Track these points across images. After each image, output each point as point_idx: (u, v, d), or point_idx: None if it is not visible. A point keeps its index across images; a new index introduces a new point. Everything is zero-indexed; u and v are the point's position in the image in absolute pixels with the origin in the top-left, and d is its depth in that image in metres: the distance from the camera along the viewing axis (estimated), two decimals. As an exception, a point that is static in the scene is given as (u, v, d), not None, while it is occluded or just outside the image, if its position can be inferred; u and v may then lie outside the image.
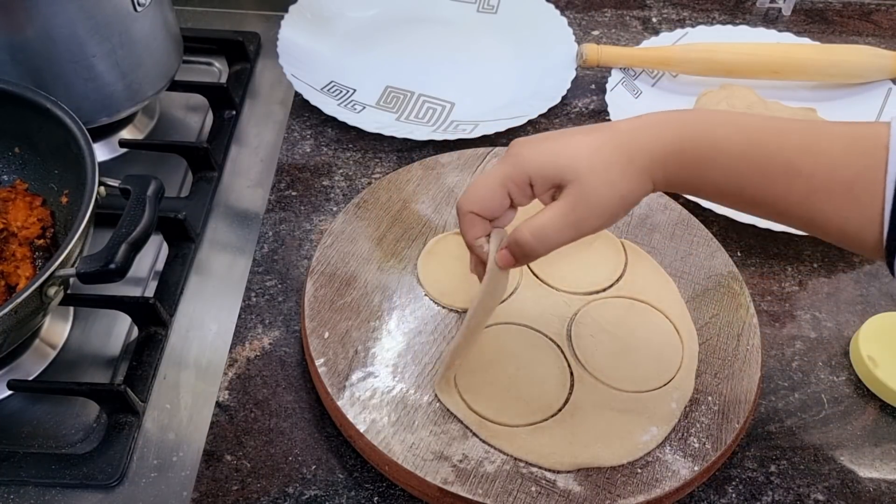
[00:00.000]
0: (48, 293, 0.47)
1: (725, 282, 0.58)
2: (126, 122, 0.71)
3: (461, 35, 0.82)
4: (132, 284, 0.60)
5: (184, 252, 0.62)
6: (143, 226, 0.50)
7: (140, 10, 0.61)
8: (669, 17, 0.86)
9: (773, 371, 0.56)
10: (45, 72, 0.60)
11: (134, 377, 0.53)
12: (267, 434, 0.51)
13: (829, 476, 0.51)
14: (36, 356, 0.55)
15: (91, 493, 0.49)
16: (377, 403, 0.49)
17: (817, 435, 0.53)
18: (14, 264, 0.55)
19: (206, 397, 0.54)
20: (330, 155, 0.70)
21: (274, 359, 0.55)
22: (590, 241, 0.59)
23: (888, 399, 0.54)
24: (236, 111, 0.74)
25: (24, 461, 0.50)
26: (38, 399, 0.53)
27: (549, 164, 0.42)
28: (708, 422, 0.50)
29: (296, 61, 0.74)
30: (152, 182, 0.53)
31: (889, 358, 0.54)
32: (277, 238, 0.63)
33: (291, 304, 0.58)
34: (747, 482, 0.50)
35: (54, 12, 0.57)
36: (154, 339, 0.56)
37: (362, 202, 0.62)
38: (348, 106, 0.72)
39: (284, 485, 0.49)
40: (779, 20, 0.86)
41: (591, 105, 0.75)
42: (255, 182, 0.69)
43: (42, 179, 0.59)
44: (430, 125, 0.72)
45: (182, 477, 0.50)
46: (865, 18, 0.87)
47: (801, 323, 0.59)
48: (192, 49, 0.76)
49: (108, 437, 0.51)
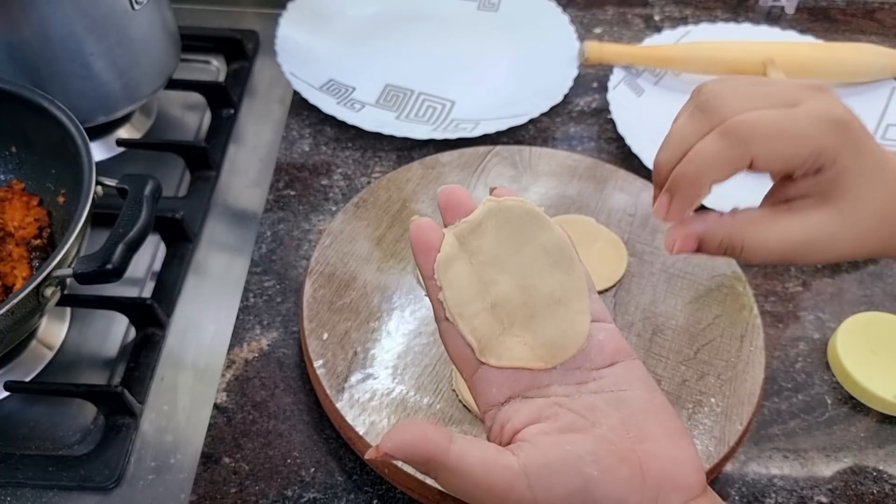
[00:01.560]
0: (45, 294, 0.46)
1: (729, 282, 0.57)
2: (123, 121, 0.70)
3: (462, 33, 0.82)
4: (129, 285, 0.60)
5: (181, 252, 0.61)
6: (140, 226, 0.50)
7: (137, 8, 0.61)
8: (672, 15, 0.85)
9: (777, 372, 0.55)
10: (41, 70, 0.60)
11: (131, 379, 0.53)
12: (265, 436, 0.51)
13: (832, 478, 0.50)
14: (33, 357, 0.55)
15: (88, 496, 0.49)
16: (377, 405, 0.49)
17: (821, 437, 0.52)
18: (10, 265, 0.54)
19: (203, 399, 0.53)
20: (329, 154, 0.69)
21: (272, 360, 0.55)
22: (591, 242, 0.58)
23: (866, 401, 0.53)
24: (234, 110, 0.73)
25: (20, 463, 0.49)
26: (35, 400, 0.53)
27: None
28: (711, 423, 0.49)
29: (294, 59, 0.74)
30: (150, 181, 0.52)
31: (865, 360, 0.54)
32: (276, 238, 0.63)
33: (290, 304, 0.58)
34: (750, 484, 0.50)
35: (51, 10, 0.57)
36: (151, 340, 0.56)
37: (361, 202, 0.61)
38: (347, 104, 0.72)
39: (283, 487, 0.48)
40: (782, 18, 0.86)
41: (594, 104, 0.75)
42: (254, 181, 0.68)
43: (39, 179, 0.59)
44: (430, 124, 0.71)
45: (180, 479, 0.50)
46: (869, 17, 0.87)
47: (804, 324, 0.58)
48: (190, 47, 0.75)
49: (105, 439, 0.50)
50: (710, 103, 0.29)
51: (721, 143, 0.28)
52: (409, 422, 0.27)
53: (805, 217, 0.30)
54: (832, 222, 0.29)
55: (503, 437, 0.29)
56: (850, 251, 0.30)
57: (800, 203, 0.30)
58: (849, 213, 0.29)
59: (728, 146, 0.28)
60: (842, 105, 0.29)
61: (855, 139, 0.29)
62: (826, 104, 0.29)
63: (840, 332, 0.56)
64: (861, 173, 0.29)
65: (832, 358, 0.56)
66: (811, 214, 0.30)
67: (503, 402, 0.29)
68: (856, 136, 0.29)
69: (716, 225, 0.31)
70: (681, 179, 0.29)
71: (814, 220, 0.30)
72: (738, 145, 0.27)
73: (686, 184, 0.29)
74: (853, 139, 0.29)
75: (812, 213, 0.30)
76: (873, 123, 0.71)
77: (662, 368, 0.52)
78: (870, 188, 0.29)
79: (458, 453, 0.26)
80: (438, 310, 0.30)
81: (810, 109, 0.29)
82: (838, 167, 0.29)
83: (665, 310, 0.55)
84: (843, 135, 0.28)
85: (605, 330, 0.31)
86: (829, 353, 0.56)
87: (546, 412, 0.29)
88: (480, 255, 0.30)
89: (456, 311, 0.29)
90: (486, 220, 0.30)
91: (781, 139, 0.28)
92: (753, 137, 0.27)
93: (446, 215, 0.31)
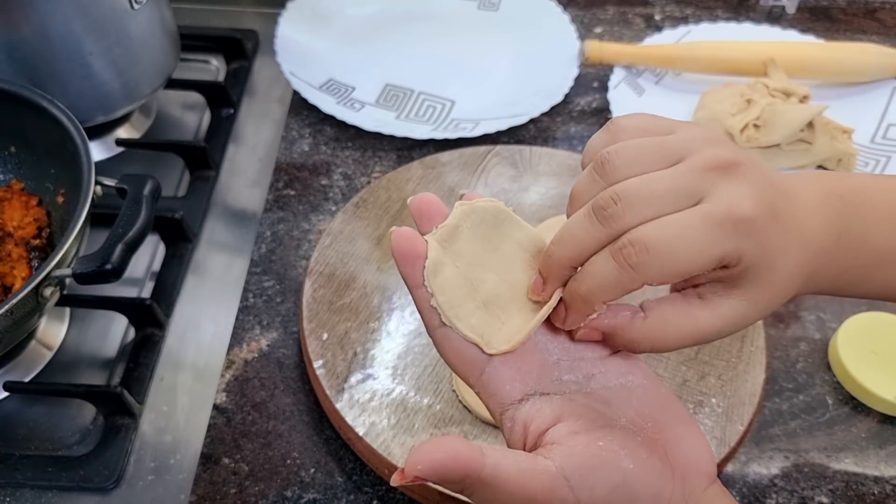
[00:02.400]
0: (44, 294, 0.46)
1: (729, 282, 0.57)
2: (123, 121, 0.70)
3: (462, 32, 0.81)
4: (129, 285, 0.60)
5: (181, 252, 0.61)
6: (139, 226, 0.50)
7: (137, 8, 0.61)
8: (673, 15, 0.85)
9: (778, 373, 0.55)
10: (41, 70, 0.60)
11: (130, 379, 0.53)
12: (265, 437, 0.51)
13: (833, 478, 0.50)
14: (32, 357, 0.55)
15: (88, 496, 0.49)
16: (376, 406, 0.49)
17: (822, 437, 0.52)
18: (10, 265, 0.54)
19: (203, 399, 0.53)
20: (329, 154, 0.69)
21: (272, 360, 0.54)
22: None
23: (867, 401, 0.53)
24: (234, 109, 0.73)
25: (20, 463, 0.49)
26: (34, 401, 0.53)
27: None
28: (712, 424, 0.49)
29: (294, 59, 0.74)
30: (149, 181, 0.52)
31: (866, 360, 0.54)
32: (275, 238, 0.62)
33: (290, 304, 0.58)
34: (751, 485, 0.50)
35: (51, 10, 0.57)
36: (151, 340, 0.56)
37: (361, 201, 0.61)
38: (347, 104, 0.72)
39: (283, 488, 0.48)
40: (783, 18, 0.85)
41: (594, 103, 0.75)
42: (253, 181, 0.68)
43: (38, 179, 0.59)
44: (430, 123, 0.71)
45: (179, 480, 0.49)
46: (870, 16, 0.86)
47: (805, 324, 0.58)
48: (189, 47, 0.75)
49: (104, 440, 0.50)
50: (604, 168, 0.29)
51: (612, 268, 0.27)
52: (435, 440, 0.25)
53: (716, 307, 0.29)
54: (742, 309, 0.29)
55: (528, 440, 0.28)
56: (753, 322, 0.31)
57: (709, 291, 0.30)
58: (759, 299, 0.29)
59: (620, 271, 0.27)
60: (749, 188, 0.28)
61: (759, 235, 0.28)
62: (730, 197, 0.27)
63: (841, 332, 0.55)
64: (769, 263, 0.28)
65: (833, 358, 0.55)
66: (721, 304, 0.29)
67: (520, 399, 0.29)
68: (760, 231, 0.28)
69: (623, 326, 0.30)
70: (574, 297, 0.29)
71: (724, 310, 0.29)
72: (630, 270, 0.27)
73: (580, 302, 0.29)
74: (757, 237, 0.27)
75: (722, 303, 0.29)
76: (874, 123, 0.71)
77: (663, 368, 0.52)
78: (778, 271, 0.29)
79: (493, 466, 0.25)
80: (432, 318, 0.30)
81: (710, 211, 0.27)
82: (743, 265, 0.28)
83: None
84: (746, 236, 0.27)
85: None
86: (830, 354, 0.56)
87: (567, 410, 0.28)
88: (463, 257, 0.30)
89: (451, 314, 0.29)
90: (461, 223, 0.31)
91: (677, 258, 0.27)
92: (647, 263, 0.27)
93: (422, 223, 0.31)
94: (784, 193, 0.29)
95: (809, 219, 0.30)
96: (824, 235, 0.30)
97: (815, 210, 0.30)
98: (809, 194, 0.31)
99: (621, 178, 0.29)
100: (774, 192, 0.29)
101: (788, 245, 0.29)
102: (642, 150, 0.29)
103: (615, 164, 0.29)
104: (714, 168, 0.28)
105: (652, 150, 0.29)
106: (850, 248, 0.31)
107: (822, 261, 0.30)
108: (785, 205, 0.29)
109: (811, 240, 0.30)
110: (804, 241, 0.29)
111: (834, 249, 0.30)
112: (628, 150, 0.29)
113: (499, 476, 0.25)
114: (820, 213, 0.30)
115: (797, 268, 0.29)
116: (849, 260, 0.31)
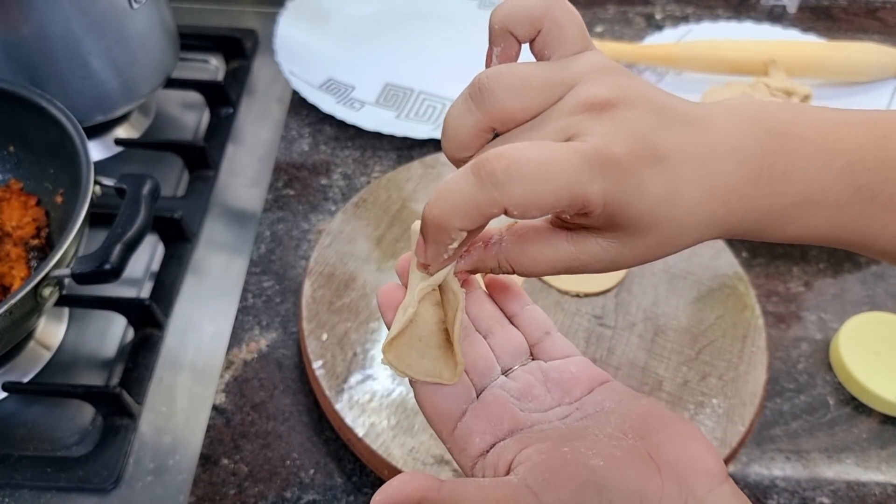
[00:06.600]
0: (43, 294, 0.46)
1: (731, 283, 0.57)
2: (122, 121, 0.70)
3: (462, 31, 0.81)
4: (128, 285, 0.59)
5: (180, 252, 0.61)
6: (138, 226, 0.50)
7: (136, 7, 0.61)
8: (673, 14, 0.85)
9: (779, 373, 0.55)
10: (39, 69, 0.59)
11: (129, 379, 0.53)
12: (264, 437, 0.50)
13: (834, 479, 0.50)
14: (31, 358, 0.55)
15: (87, 497, 0.48)
16: (376, 407, 0.49)
17: (823, 438, 0.52)
18: (9, 265, 0.54)
19: (202, 400, 0.53)
20: (328, 153, 0.69)
21: (271, 361, 0.54)
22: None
23: (868, 402, 0.53)
24: (233, 109, 0.73)
25: (19, 464, 0.49)
26: (33, 401, 0.53)
27: None
28: (713, 424, 0.49)
29: (293, 58, 0.73)
30: (148, 181, 0.52)
31: (867, 360, 0.54)
32: (275, 238, 0.62)
33: (289, 305, 0.58)
34: (753, 486, 0.50)
35: (50, 9, 0.57)
36: (150, 340, 0.55)
37: (361, 201, 0.61)
38: (347, 103, 0.72)
39: (282, 489, 0.48)
40: (784, 17, 0.85)
41: (594, 103, 0.74)
42: (253, 181, 0.68)
43: (37, 179, 0.59)
44: (430, 123, 0.71)
45: (178, 481, 0.49)
46: (871, 16, 0.86)
47: (806, 324, 0.58)
48: (188, 46, 0.75)
49: (103, 440, 0.50)
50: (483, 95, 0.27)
51: (470, 183, 0.25)
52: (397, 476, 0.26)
53: (580, 240, 0.27)
54: (613, 250, 0.27)
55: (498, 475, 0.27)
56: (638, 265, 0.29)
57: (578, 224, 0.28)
58: (635, 244, 0.27)
59: (478, 187, 0.24)
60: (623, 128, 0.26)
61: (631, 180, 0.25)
62: (600, 137, 0.25)
63: (842, 332, 0.55)
64: (646, 209, 0.26)
65: (834, 358, 0.55)
66: (587, 238, 0.27)
67: (488, 449, 0.28)
68: (632, 175, 0.25)
69: (484, 253, 0.29)
70: (428, 222, 0.26)
71: (588, 245, 0.27)
72: (488, 188, 0.24)
73: (434, 228, 0.26)
74: (627, 182, 0.25)
75: (588, 238, 0.27)
76: (875, 123, 0.71)
77: (664, 369, 0.52)
78: (661, 218, 0.26)
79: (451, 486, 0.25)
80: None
81: (580, 147, 0.25)
82: (609, 210, 0.26)
83: (667, 310, 0.55)
84: (614, 180, 0.25)
85: (575, 363, 0.31)
86: (832, 354, 0.56)
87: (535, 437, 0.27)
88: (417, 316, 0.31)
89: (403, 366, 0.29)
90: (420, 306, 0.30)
91: (544, 184, 0.24)
92: (510, 180, 0.24)
93: (387, 314, 0.31)
94: (690, 130, 0.27)
95: (720, 158, 0.27)
96: (740, 175, 0.27)
97: (733, 147, 0.27)
98: (728, 129, 0.27)
99: (499, 109, 0.26)
100: (665, 132, 0.26)
101: (681, 190, 0.26)
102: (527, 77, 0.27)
103: (494, 93, 0.27)
104: (589, 107, 0.26)
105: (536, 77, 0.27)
106: (775, 188, 0.27)
107: (735, 204, 0.27)
108: (684, 145, 0.27)
109: (720, 182, 0.27)
110: (709, 184, 0.27)
111: (753, 190, 0.27)
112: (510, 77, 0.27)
113: (455, 492, 0.25)
114: (738, 151, 0.27)
115: (695, 214, 0.27)
116: (772, 200, 0.28)
